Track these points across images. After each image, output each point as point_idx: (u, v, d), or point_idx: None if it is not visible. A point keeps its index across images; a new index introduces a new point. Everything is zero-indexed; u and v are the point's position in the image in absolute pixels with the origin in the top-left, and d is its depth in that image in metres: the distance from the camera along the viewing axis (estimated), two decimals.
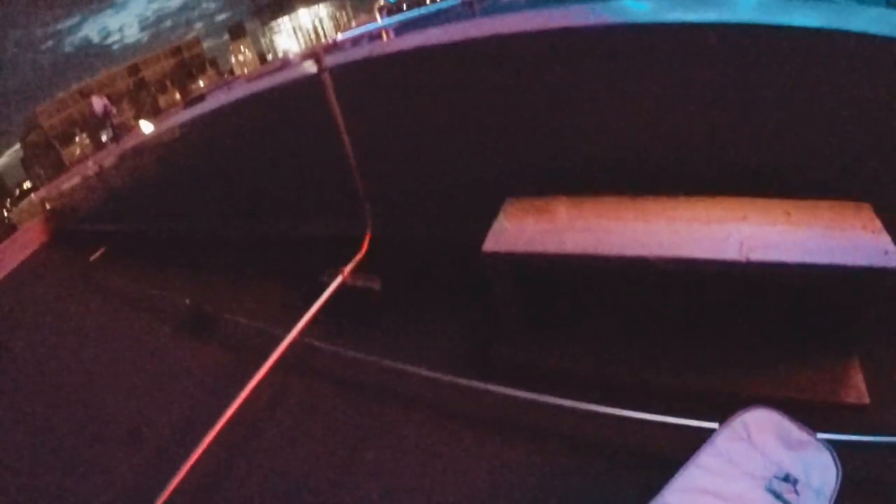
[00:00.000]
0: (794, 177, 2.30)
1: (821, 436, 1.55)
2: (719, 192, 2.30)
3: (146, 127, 5.05)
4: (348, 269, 2.74)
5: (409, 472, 2.12)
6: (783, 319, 2.16)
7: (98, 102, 13.48)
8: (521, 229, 2.28)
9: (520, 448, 2.09)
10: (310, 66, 2.79)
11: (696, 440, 1.63)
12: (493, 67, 2.54)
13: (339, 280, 2.71)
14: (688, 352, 2.22)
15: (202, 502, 2.21)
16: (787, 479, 1.46)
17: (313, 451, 2.31)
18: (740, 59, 2.19)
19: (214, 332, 3.26)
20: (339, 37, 2.86)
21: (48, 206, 6.79)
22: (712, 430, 1.62)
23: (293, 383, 2.65)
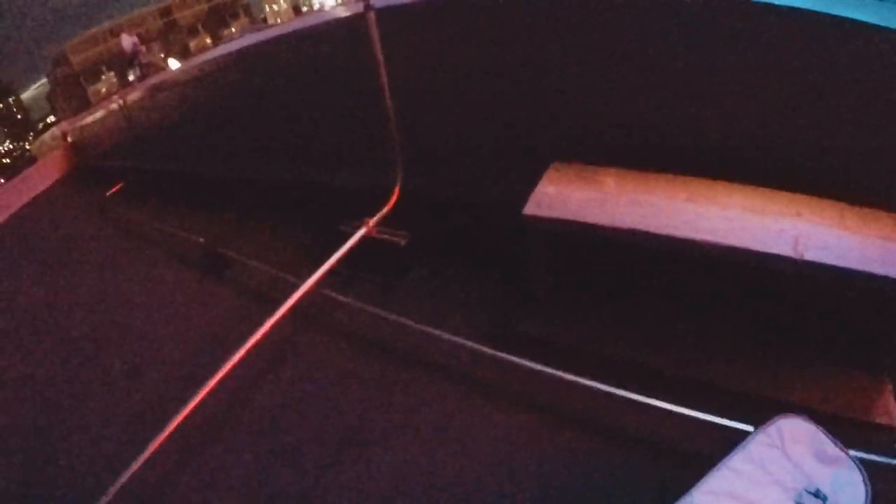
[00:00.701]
0: (855, 181, 2.18)
1: (853, 453, 1.51)
2: (774, 184, 2.18)
3: (173, 65, 4.94)
4: (373, 221, 2.61)
5: (415, 438, 2.03)
6: (824, 328, 2.08)
7: (127, 40, 13.40)
8: (566, 196, 2.16)
9: (534, 424, 2.00)
10: (355, 5, 2.63)
11: (722, 439, 1.59)
12: (559, 22, 2.37)
13: (362, 231, 2.58)
14: (722, 346, 2.14)
15: (200, 447, 2.13)
16: (817, 494, 1.43)
17: (319, 408, 2.21)
18: (833, 52, 2.05)
19: (227, 274, 3.17)
20: None
21: (69, 140, 6.75)
22: (740, 431, 1.60)
23: (305, 334, 2.56)
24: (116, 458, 1.94)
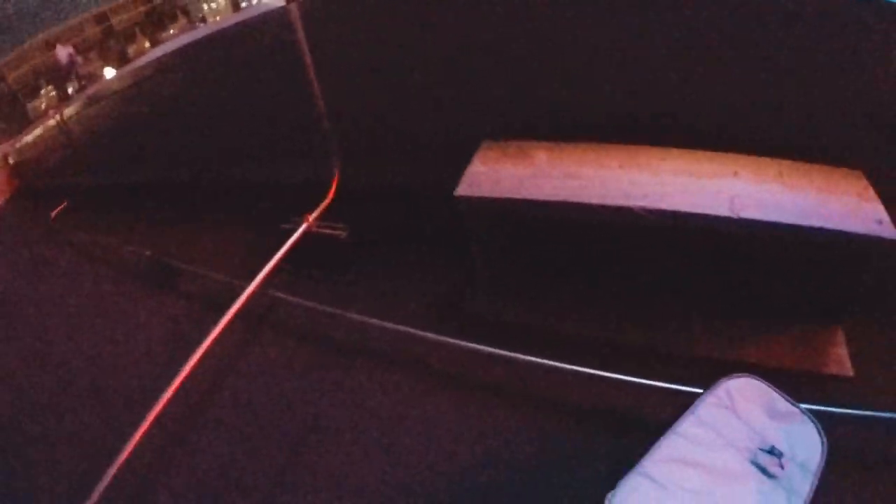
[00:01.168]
0: (792, 138, 2.21)
1: (805, 406, 1.51)
2: (710, 146, 2.20)
3: (109, 73, 4.81)
4: (313, 216, 2.60)
5: (374, 432, 2.04)
6: (769, 285, 2.10)
7: (63, 51, 12.95)
8: (498, 173, 2.16)
9: (489, 404, 2.02)
10: None
11: (677, 405, 1.56)
12: (480, 4, 2.36)
13: (303, 228, 2.57)
14: (670, 312, 2.16)
15: (164, 457, 2.13)
16: (772, 451, 1.41)
17: (276, 409, 2.22)
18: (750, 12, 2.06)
19: (176, 283, 3.13)
20: None
21: (11, 162, 6.54)
22: (694, 395, 1.55)
23: (256, 336, 2.55)
24: (86, 475, 1.93)
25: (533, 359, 1.97)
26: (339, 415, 2.12)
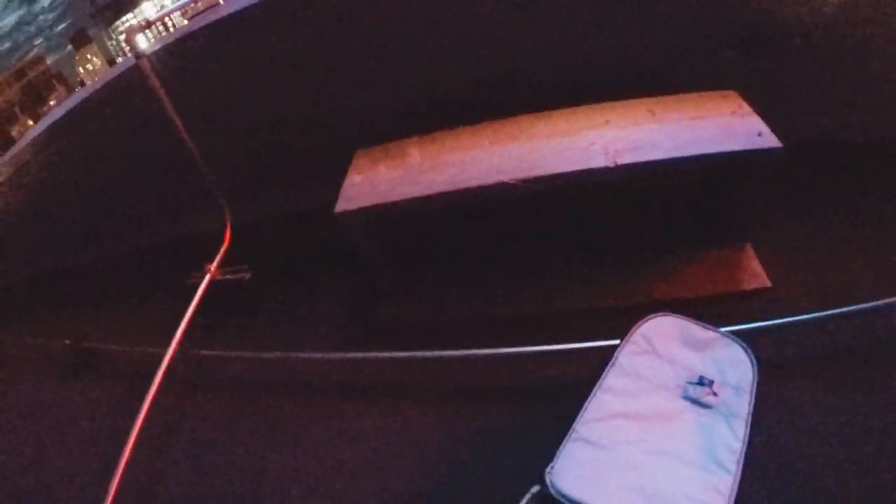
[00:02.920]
0: (657, 72, 2.25)
1: (725, 329, 1.49)
2: (581, 101, 2.20)
3: None
4: (214, 265, 2.57)
5: (317, 468, 2.02)
6: (669, 220, 2.12)
7: None
8: (374, 180, 2.13)
9: (423, 411, 2.01)
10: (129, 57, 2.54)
11: (604, 361, 1.53)
12: (312, 14, 2.34)
13: (207, 279, 2.54)
14: (577, 272, 2.16)
15: None
16: (701, 382, 1.38)
17: (223, 467, 2.17)
18: None
19: (98, 365, 3.05)
20: (154, 15, 2.58)
21: None
22: (615, 347, 1.53)
23: (187, 397, 2.50)
24: None
25: (449, 353, 1.97)
26: (283, 458, 2.09)
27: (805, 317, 1.80)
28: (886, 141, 2.34)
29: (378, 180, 2.12)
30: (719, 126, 1.95)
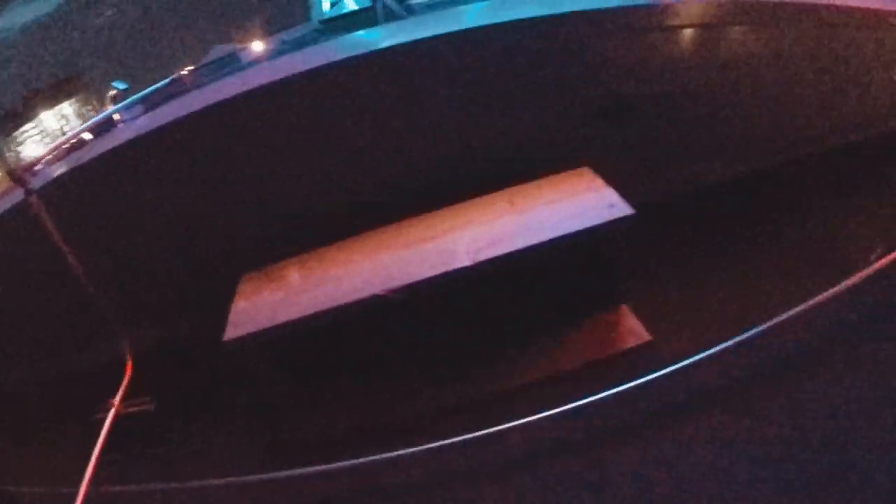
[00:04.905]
0: (515, 160, 2.41)
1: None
2: (445, 202, 2.34)
3: None
4: (117, 400, 2.59)
5: None
6: (546, 299, 2.21)
7: None
8: (258, 305, 2.21)
9: None
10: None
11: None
12: (196, 144, 2.46)
13: (111, 415, 2.55)
14: (467, 364, 2.22)
15: None
16: None
17: None
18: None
19: None
20: (42, 152, 2.63)
21: None
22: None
23: None
24: None
25: (366, 460, 1.98)
26: None
27: (686, 362, 1.90)
28: (739, 184, 2.58)
29: (261, 306, 2.20)
30: (575, 205, 2.11)
